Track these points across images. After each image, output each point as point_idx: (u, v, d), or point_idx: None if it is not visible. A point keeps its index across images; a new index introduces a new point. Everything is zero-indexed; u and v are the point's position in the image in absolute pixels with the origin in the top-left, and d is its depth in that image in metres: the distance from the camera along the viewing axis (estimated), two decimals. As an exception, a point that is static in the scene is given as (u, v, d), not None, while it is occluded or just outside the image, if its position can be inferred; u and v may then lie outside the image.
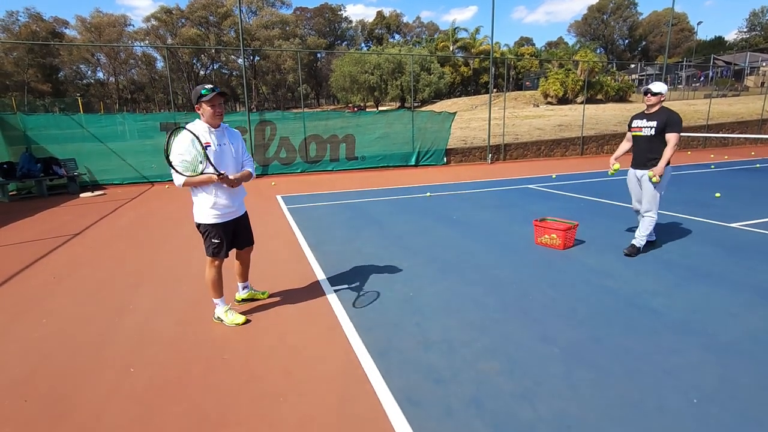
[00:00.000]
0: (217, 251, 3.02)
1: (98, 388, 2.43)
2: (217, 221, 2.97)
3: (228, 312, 3.16)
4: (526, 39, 68.20)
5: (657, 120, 4.20)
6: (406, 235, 5.52)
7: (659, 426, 1.99)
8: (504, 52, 47.84)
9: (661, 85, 4.24)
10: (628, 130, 4.58)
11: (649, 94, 4.24)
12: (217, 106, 2.82)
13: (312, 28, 61.27)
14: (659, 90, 4.20)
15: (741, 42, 64.55)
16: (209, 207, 2.93)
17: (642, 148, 4.37)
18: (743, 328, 2.89)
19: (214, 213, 2.95)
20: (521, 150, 15.19)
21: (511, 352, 2.67)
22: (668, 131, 4.16)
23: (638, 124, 4.39)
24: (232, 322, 3.13)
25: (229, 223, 3.06)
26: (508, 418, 2.08)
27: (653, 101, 4.23)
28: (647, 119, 4.30)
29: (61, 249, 5.33)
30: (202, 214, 2.96)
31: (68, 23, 48.75)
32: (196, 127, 2.83)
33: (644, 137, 4.32)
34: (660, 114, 4.22)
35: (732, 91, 34.07)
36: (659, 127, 4.18)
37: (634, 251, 4.38)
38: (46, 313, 3.44)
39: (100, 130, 10.83)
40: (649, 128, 4.26)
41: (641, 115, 4.40)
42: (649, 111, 4.31)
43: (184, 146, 2.76)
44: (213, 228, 2.98)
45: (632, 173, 4.53)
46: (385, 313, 3.26)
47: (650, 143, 4.27)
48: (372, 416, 2.13)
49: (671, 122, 4.14)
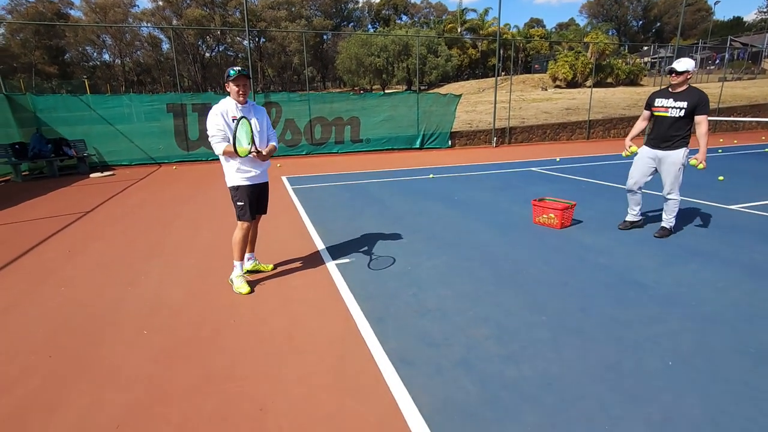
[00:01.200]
0: (242, 213, 3.35)
1: (116, 348, 2.62)
2: (241, 183, 3.30)
3: (239, 278, 3.40)
4: (536, 20, 66.67)
5: (688, 100, 3.96)
6: (408, 214, 5.65)
7: (633, 384, 2.14)
8: (513, 34, 46.92)
9: (687, 61, 3.93)
10: (647, 108, 4.34)
11: (674, 73, 3.97)
12: (240, 86, 3.15)
13: (318, 8, 60.32)
14: (685, 68, 3.91)
15: (761, 22, 62.56)
16: (234, 171, 3.28)
17: (665, 129, 4.13)
18: (726, 300, 3.00)
19: (239, 177, 3.29)
20: (526, 133, 15.13)
21: (501, 319, 2.82)
22: (699, 113, 3.94)
23: (663, 103, 4.13)
24: (237, 289, 3.36)
25: (254, 188, 3.37)
26: (494, 376, 2.24)
27: (680, 80, 3.97)
28: (674, 99, 4.05)
29: (74, 225, 5.54)
30: (230, 178, 3.32)
31: (73, 4, 48.56)
32: (226, 103, 3.20)
33: (670, 118, 4.07)
34: (690, 94, 3.98)
35: (748, 74, 33.28)
36: (689, 108, 3.94)
37: (666, 233, 4.36)
38: (63, 282, 3.65)
39: (108, 111, 10.98)
40: (677, 109, 4.02)
41: (666, 94, 4.15)
42: (675, 90, 4.06)
43: (217, 119, 3.14)
44: (238, 191, 3.31)
45: (648, 152, 4.31)
46: (383, 285, 3.42)
47: (677, 124, 4.05)
48: (367, 373, 2.29)
49: (702, 103, 3.91)
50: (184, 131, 11.53)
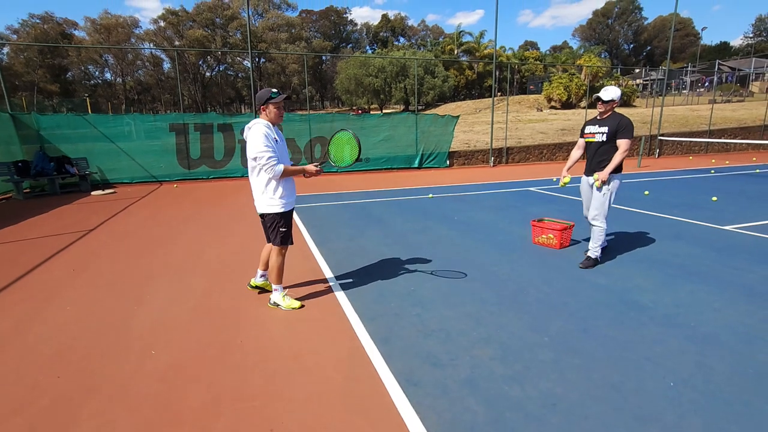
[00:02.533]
0: (286, 239, 3.34)
1: (123, 367, 2.64)
2: (284, 210, 3.28)
3: (285, 297, 3.43)
4: (531, 43, 68.47)
5: (608, 125, 4.13)
6: (409, 233, 5.72)
7: (636, 405, 2.18)
8: (509, 56, 48.06)
9: (612, 90, 4.14)
10: (581, 136, 4.49)
11: (600, 101, 4.16)
12: (281, 108, 3.20)
13: (317, 30, 61.77)
14: (610, 97, 4.12)
15: (746, 47, 64.49)
16: (279, 197, 3.24)
17: (592, 154, 4.31)
18: (723, 321, 3.07)
19: (282, 203, 3.26)
20: (523, 153, 15.37)
21: (505, 340, 2.87)
22: (619, 137, 4.09)
23: (591, 130, 4.31)
24: (289, 306, 3.40)
25: (290, 212, 3.38)
26: (499, 396, 2.28)
27: (605, 108, 4.17)
28: (599, 125, 4.23)
29: (77, 244, 5.57)
30: (271, 205, 3.25)
31: (77, 24, 49.48)
32: (265, 125, 3.17)
33: (596, 143, 4.24)
34: (612, 119, 4.15)
35: (736, 97, 34.11)
36: (611, 133, 4.11)
37: (591, 263, 4.26)
38: (68, 302, 3.67)
39: (110, 130, 11.12)
40: (601, 134, 4.19)
41: (594, 121, 4.34)
42: (602, 117, 4.24)
43: (267, 138, 3.10)
44: (281, 217, 3.28)
45: (584, 180, 4.47)
46: (387, 305, 3.47)
47: (601, 149, 4.20)
48: (374, 394, 2.33)
49: (622, 127, 4.07)
50: (186, 150, 11.67)
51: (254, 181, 3.25)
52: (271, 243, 3.39)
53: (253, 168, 3.19)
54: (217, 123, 11.88)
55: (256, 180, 3.23)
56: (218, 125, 11.86)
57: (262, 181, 3.20)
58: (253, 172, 3.23)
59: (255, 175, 3.22)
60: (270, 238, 3.38)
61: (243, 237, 5.76)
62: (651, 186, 9.41)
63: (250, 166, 3.22)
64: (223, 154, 12.05)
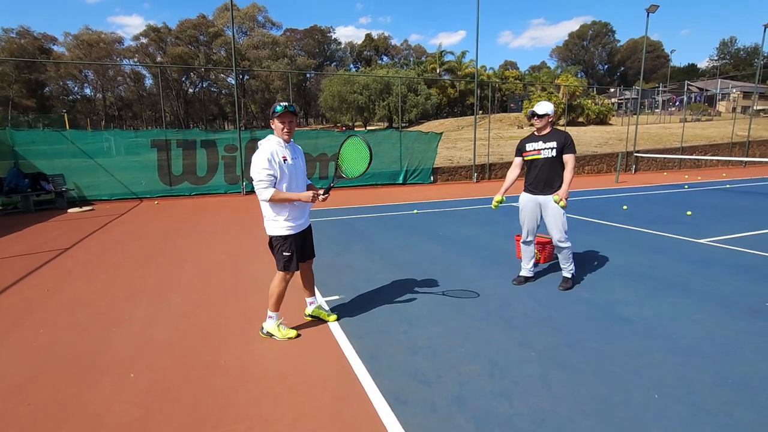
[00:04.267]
0: (288, 264, 3.09)
1: (99, 393, 2.53)
2: (289, 233, 3.06)
3: (281, 327, 3.18)
4: (510, 63, 70.51)
5: (555, 141, 3.96)
6: (394, 249, 5.72)
7: (623, 418, 2.20)
8: (489, 75, 49.35)
9: (546, 105, 3.98)
10: (518, 155, 4.22)
11: (535, 116, 4.00)
12: (286, 123, 2.94)
13: (302, 48, 62.38)
14: (545, 111, 3.95)
15: (712, 69, 67.86)
16: (283, 219, 3.03)
17: (543, 172, 4.02)
18: (703, 333, 3.14)
19: (287, 225, 3.05)
20: (506, 169, 15.65)
21: (492, 355, 2.87)
22: (567, 152, 3.95)
23: (534, 146, 4.06)
24: (284, 336, 3.15)
25: (298, 236, 3.14)
26: (488, 413, 2.26)
27: (542, 123, 3.98)
28: (543, 141, 4.01)
29: (52, 263, 5.37)
30: (275, 227, 3.05)
31: (56, 40, 48.82)
32: (273, 143, 2.97)
33: (545, 159, 3.99)
34: (556, 135, 4.00)
35: (705, 116, 35.69)
36: (559, 148, 3.94)
37: (570, 284, 4.13)
38: (42, 324, 3.52)
39: (89, 146, 10.91)
40: (549, 149, 3.97)
41: (534, 138, 4.10)
42: (541, 133, 4.05)
43: (266, 160, 2.88)
44: (284, 240, 3.06)
45: (529, 199, 4.13)
46: (374, 322, 3.43)
47: (552, 165, 3.99)
48: (363, 414, 2.28)
49: (569, 142, 3.96)
50: (168, 166, 11.50)
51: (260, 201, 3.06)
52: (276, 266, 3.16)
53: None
54: (200, 139, 11.79)
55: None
56: (201, 141, 11.77)
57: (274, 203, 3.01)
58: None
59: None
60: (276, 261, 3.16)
61: (226, 255, 5.66)
62: (629, 201, 9.67)
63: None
64: (206, 171, 11.92)
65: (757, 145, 20.77)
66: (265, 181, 2.90)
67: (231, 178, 12.21)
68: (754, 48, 66.48)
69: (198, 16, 52.17)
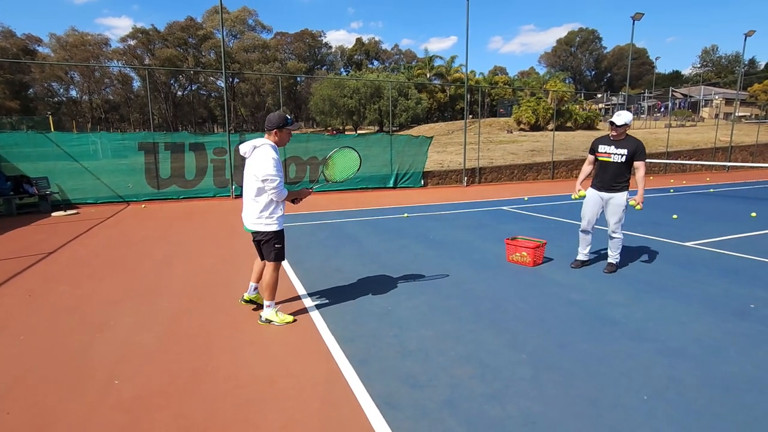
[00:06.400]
0: (281, 254, 3.44)
1: (83, 400, 2.46)
2: (279, 228, 3.40)
3: (278, 313, 3.46)
4: (500, 68, 71.24)
5: (627, 148, 4.41)
6: (384, 253, 5.70)
7: (614, 419, 2.20)
8: (479, 80, 49.80)
9: (625, 115, 4.41)
10: (592, 153, 4.73)
11: (614, 126, 4.42)
12: (291, 134, 3.42)
13: (292, 52, 62.24)
14: (623, 121, 4.38)
15: (695, 76, 69.43)
16: (277, 217, 3.36)
17: (610, 173, 4.53)
18: (690, 334, 3.18)
19: (278, 222, 3.38)
20: (495, 173, 15.77)
21: (483, 358, 2.86)
22: (638, 159, 4.41)
23: (606, 150, 4.55)
24: (282, 320, 3.43)
25: (283, 230, 3.48)
26: (479, 416, 2.25)
27: (619, 132, 4.43)
28: (616, 146, 4.48)
29: (35, 267, 5.24)
30: (268, 224, 3.34)
31: (41, 41, 48.03)
32: (273, 148, 3.32)
33: (614, 163, 4.49)
34: (629, 142, 4.44)
35: (689, 121, 36.43)
36: (629, 155, 4.40)
37: (614, 268, 4.72)
38: (24, 330, 3.42)
39: (74, 148, 10.68)
40: (619, 155, 4.44)
41: (607, 141, 4.56)
42: (616, 138, 4.49)
43: (278, 162, 3.26)
44: (276, 235, 3.38)
45: (595, 195, 4.68)
46: (364, 326, 3.41)
47: (619, 169, 4.48)
48: (353, 418, 2.25)
49: (639, 150, 4.41)
50: (156, 169, 11.34)
51: (253, 199, 3.30)
52: (266, 260, 3.46)
53: (256, 187, 3.25)
54: (188, 142, 11.64)
55: (255, 198, 3.29)
56: (190, 144, 11.62)
57: (262, 201, 3.28)
58: (253, 190, 3.28)
59: (254, 194, 3.28)
60: (264, 255, 3.46)
61: (214, 258, 5.59)
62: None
63: (251, 184, 3.28)
64: (195, 174, 11.78)
65: (739, 150, 21.28)
66: (281, 181, 3.25)
67: (220, 181, 12.08)
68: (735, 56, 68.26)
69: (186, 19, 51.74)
